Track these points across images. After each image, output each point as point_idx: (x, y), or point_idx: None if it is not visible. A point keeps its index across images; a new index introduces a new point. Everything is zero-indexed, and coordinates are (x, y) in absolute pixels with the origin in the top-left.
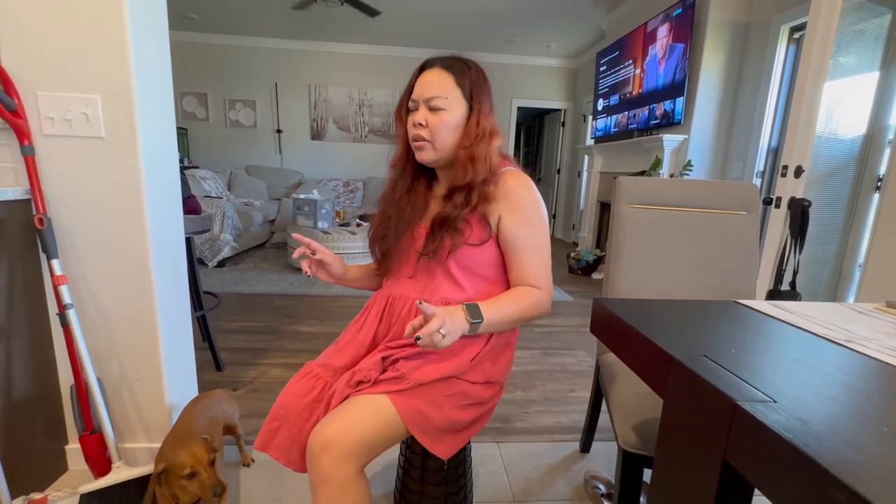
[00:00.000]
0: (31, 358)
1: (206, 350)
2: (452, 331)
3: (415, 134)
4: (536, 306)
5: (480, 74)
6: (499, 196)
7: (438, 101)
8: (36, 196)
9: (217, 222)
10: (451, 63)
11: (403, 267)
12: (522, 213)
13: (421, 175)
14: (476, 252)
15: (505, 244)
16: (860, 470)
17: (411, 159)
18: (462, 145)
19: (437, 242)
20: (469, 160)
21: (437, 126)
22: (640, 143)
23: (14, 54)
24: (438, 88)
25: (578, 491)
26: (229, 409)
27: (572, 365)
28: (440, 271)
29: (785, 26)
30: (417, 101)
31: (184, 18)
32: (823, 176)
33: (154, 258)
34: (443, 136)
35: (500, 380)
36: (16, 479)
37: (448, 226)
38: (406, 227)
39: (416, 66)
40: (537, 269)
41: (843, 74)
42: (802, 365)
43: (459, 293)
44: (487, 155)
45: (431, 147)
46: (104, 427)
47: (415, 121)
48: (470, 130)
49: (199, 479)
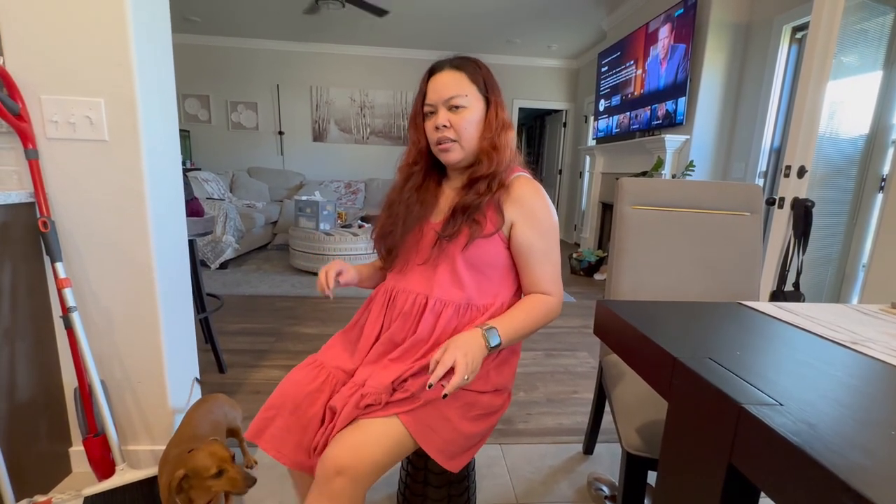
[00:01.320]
0: (34, 360)
1: (209, 352)
2: (475, 368)
3: (439, 137)
4: (549, 314)
5: (488, 71)
6: (513, 202)
7: (458, 99)
8: (40, 199)
9: (219, 224)
10: (461, 62)
11: (410, 262)
12: (536, 221)
13: (432, 173)
14: (486, 246)
15: (517, 251)
16: (868, 474)
17: (422, 162)
18: (485, 136)
19: (456, 227)
20: (493, 149)
21: (460, 125)
22: (642, 143)
23: (18, 58)
24: (456, 88)
25: (582, 493)
26: (231, 412)
27: (575, 366)
28: (445, 267)
29: (787, 26)
30: (435, 104)
31: (185, 21)
32: (826, 176)
33: (157, 261)
34: (468, 134)
35: (507, 386)
36: (20, 482)
37: (469, 213)
38: (415, 222)
39: (417, 67)
40: (550, 276)
41: (845, 74)
42: (808, 367)
43: (458, 292)
44: (508, 145)
45: (459, 147)
46: (108, 429)
47: (437, 124)
48: (490, 122)
49: (228, 475)
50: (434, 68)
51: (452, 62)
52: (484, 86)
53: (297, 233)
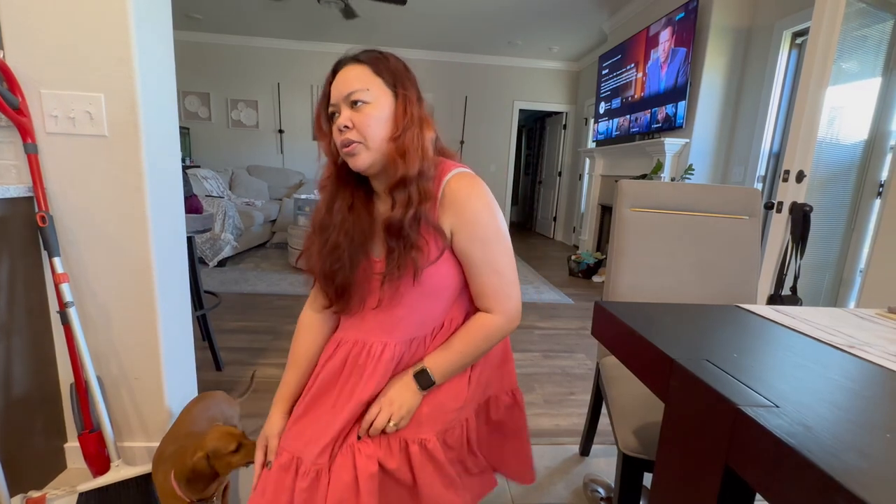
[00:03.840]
0: (31, 355)
1: (206, 349)
2: (404, 414)
3: (343, 140)
4: (489, 338)
5: (399, 63)
6: (447, 207)
7: (360, 93)
8: (38, 194)
9: (218, 222)
10: (365, 55)
11: (366, 300)
12: (474, 227)
13: (358, 189)
14: (437, 270)
15: (460, 260)
16: (864, 476)
17: (342, 175)
18: (391, 137)
19: (397, 263)
20: (399, 153)
21: (364, 122)
22: (642, 146)
23: (18, 52)
24: (357, 82)
25: (578, 494)
26: (229, 410)
27: (572, 368)
28: (405, 302)
29: (787, 31)
30: (337, 103)
31: (187, 18)
32: (825, 181)
33: (155, 257)
34: (373, 132)
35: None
36: (14, 477)
37: (405, 241)
38: (360, 252)
39: (417, 68)
40: (492, 289)
41: (845, 80)
42: (805, 370)
43: (417, 327)
44: (420, 145)
45: (364, 147)
46: (103, 426)
47: (339, 125)
48: (398, 120)
49: (246, 448)
50: (337, 66)
51: (356, 56)
52: (392, 79)
53: (296, 231)
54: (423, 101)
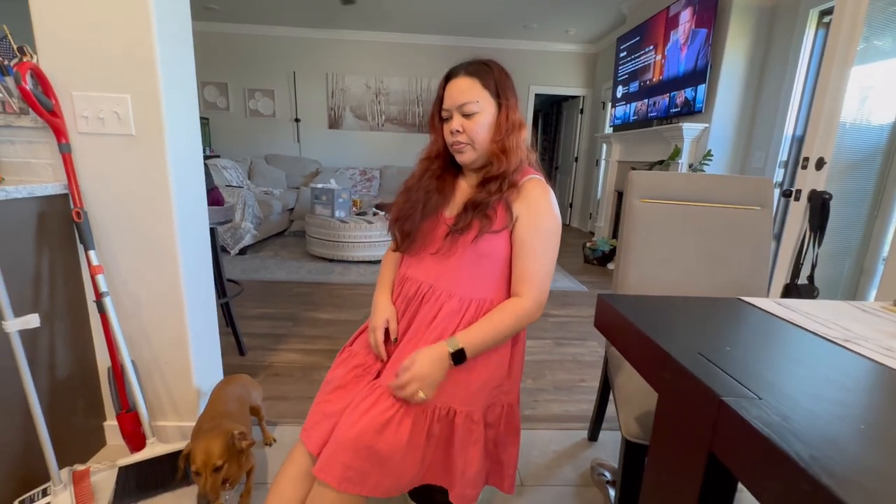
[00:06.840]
0: (71, 342)
1: (230, 335)
2: (433, 387)
3: (454, 140)
4: (518, 317)
5: (502, 72)
6: (521, 199)
7: (470, 106)
8: (73, 191)
9: (238, 211)
10: (474, 68)
11: (425, 248)
12: (538, 219)
13: (451, 168)
14: (494, 241)
15: (513, 245)
16: (832, 464)
17: (441, 155)
18: (494, 139)
19: (467, 221)
20: (502, 152)
21: (473, 129)
22: (659, 132)
23: (51, 58)
24: (468, 94)
25: (585, 477)
26: (254, 391)
27: (583, 355)
28: (455, 258)
29: (814, 10)
30: (450, 109)
31: (204, 9)
32: (849, 166)
33: (181, 248)
34: (480, 138)
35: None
36: (60, 452)
37: (479, 210)
38: (432, 210)
39: (432, 53)
40: (530, 275)
41: (875, 58)
42: (795, 363)
43: (462, 284)
44: (518, 146)
45: (472, 148)
46: (139, 406)
47: (452, 128)
48: (500, 125)
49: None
50: (450, 74)
51: (467, 68)
52: (496, 90)
53: (313, 220)
54: (518, 103)
